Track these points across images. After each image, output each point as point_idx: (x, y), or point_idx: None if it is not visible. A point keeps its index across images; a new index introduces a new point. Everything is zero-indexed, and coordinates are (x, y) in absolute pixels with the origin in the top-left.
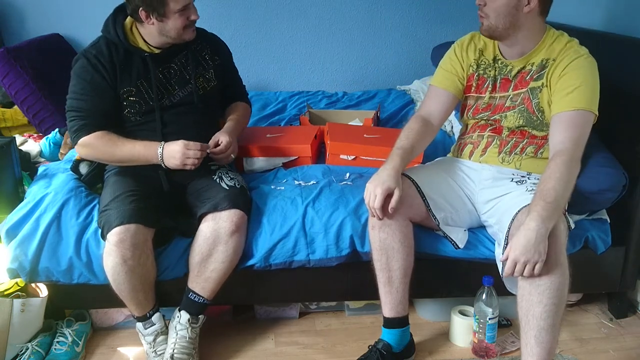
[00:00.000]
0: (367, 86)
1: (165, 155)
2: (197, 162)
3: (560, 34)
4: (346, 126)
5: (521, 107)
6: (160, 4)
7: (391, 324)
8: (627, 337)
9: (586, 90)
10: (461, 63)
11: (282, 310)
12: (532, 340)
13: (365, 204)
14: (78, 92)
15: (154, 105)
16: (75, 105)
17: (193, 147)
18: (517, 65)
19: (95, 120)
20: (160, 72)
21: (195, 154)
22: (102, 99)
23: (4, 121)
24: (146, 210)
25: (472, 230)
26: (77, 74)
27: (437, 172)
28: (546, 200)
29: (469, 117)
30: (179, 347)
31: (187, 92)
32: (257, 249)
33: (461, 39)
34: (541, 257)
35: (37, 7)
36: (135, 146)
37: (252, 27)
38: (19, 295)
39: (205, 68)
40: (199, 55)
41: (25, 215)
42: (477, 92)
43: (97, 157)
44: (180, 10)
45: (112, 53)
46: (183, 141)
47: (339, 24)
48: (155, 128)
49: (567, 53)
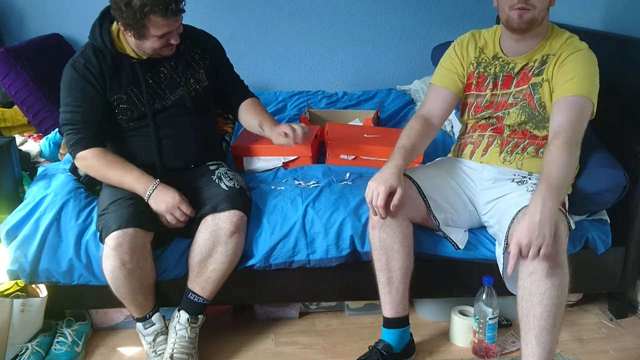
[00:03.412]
0: (367, 86)
1: (155, 196)
2: (179, 223)
3: (562, 31)
4: (346, 126)
5: (523, 103)
6: (141, 27)
7: (391, 324)
8: (627, 337)
9: (584, 79)
10: (461, 61)
11: (282, 310)
12: (532, 340)
13: (367, 202)
14: (70, 104)
15: (145, 111)
16: (70, 118)
17: (184, 209)
18: (520, 62)
19: (91, 132)
20: (149, 77)
21: (182, 215)
22: (95, 108)
23: (4, 121)
24: (144, 214)
25: (472, 231)
26: (68, 86)
27: (437, 172)
28: (549, 183)
29: (470, 116)
30: (178, 347)
31: (179, 95)
32: (257, 249)
33: (461, 37)
34: (546, 240)
35: (37, 7)
36: (126, 176)
37: (252, 27)
38: (19, 295)
39: (195, 69)
40: (189, 56)
41: (25, 217)
42: (477, 90)
43: (91, 174)
44: (160, 35)
45: (100, 61)
46: (179, 197)
47: (339, 24)
48: (149, 132)
49: (566, 47)
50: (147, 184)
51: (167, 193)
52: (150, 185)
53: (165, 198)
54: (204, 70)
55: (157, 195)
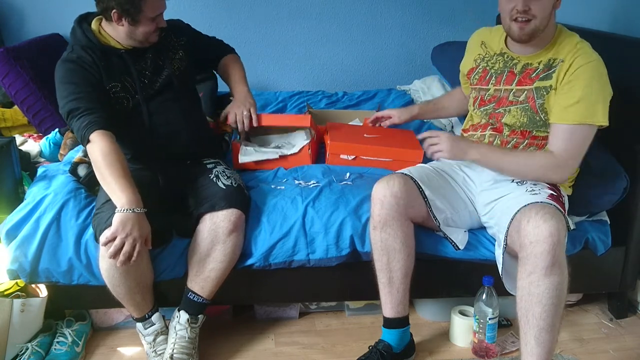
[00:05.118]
0: (367, 86)
1: (132, 215)
2: (122, 256)
3: (571, 34)
4: (346, 126)
5: (525, 106)
6: (136, 11)
7: (391, 324)
8: (627, 337)
9: (589, 102)
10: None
11: (282, 310)
12: (532, 340)
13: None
14: (72, 93)
15: (139, 98)
16: (74, 106)
17: (141, 244)
18: (524, 60)
19: (98, 115)
20: (137, 65)
21: (131, 249)
22: (98, 93)
23: (4, 121)
24: None
25: (472, 231)
26: (67, 80)
27: (438, 172)
28: (503, 158)
29: (475, 109)
30: (178, 347)
31: (165, 76)
32: (256, 248)
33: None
34: (445, 156)
35: (37, 7)
36: (114, 188)
37: (252, 27)
38: (19, 295)
39: (174, 51)
40: (166, 41)
41: (25, 217)
42: (479, 84)
43: (99, 159)
44: (153, 18)
45: (91, 55)
46: (149, 232)
47: (339, 24)
48: (143, 122)
49: (576, 56)
50: (136, 201)
51: (145, 221)
52: (137, 204)
53: (142, 224)
54: (182, 50)
55: (136, 216)
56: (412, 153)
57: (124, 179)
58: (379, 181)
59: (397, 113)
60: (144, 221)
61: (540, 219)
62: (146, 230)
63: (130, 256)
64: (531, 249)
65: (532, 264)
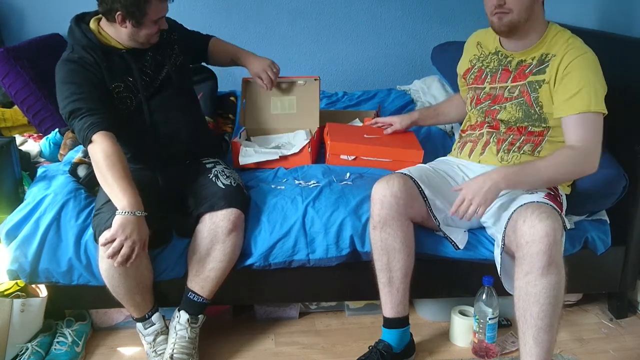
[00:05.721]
0: (367, 86)
1: (132, 218)
2: (119, 258)
3: (563, 30)
4: (346, 126)
5: (520, 100)
6: (141, 14)
7: (391, 324)
8: (627, 337)
9: (589, 90)
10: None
11: (282, 310)
12: (530, 340)
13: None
14: (74, 93)
15: (141, 97)
16: (75, 107)
17: (140, 247)
18: (518, 57)
19: (100, 116)
20: (139, 64)
21: (130, 251)
22: (100, 93)
23: (4, 121)
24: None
25: (472, 231)
26: (68, 80)
27: (437, 172)
28: (523, 170)
29: (472, 109)
30: (178, 347)
31: (164, 72)
32: (256, 247)
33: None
34: (485, 204)
35: (37, 7)
36: (115, 190)
37: (252, 27)
38: (19, 295)
39: (171, 46)
40: (162, 37)
41: (25, 217)
42: (474, 84)
43: (100, 160)
44: (156, 20)
45: (92, 55)
46: (147, 237)
47: (338, 24)
48: (145, 122)
49: (569, 49)
50: (137, 203)
51: (144, 224)
52: (138, 208)
53: (141, 227)
54: (176, 45)
55: (136, 220)
56: (412, 153)
57: (126, 180)
58: (379, 181)
59: (398, 120)
60: (144, 225)
61: (536, 218)
62: (145, 234)
63: (128, 258)
64: (527, 249)
65: (528, 264)
